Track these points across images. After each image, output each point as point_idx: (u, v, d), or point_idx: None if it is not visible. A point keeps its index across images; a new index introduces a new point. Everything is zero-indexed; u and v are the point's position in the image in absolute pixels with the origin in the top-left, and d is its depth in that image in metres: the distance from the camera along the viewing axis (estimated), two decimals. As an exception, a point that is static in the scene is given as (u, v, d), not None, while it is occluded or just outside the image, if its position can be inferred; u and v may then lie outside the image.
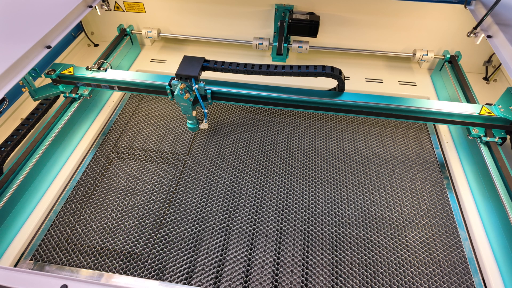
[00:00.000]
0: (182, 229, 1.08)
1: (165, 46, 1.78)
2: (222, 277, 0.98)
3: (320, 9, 1.52)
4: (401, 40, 1.59)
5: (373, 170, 1.26)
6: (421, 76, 1.62)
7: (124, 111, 1.48)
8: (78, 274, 0.98)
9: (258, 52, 1.73)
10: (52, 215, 1.11)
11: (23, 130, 1.22)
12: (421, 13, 1.48)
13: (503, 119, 1.14)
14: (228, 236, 1.07)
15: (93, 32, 1.78)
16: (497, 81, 1.59)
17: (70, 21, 1.24)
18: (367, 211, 1.14)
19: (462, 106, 1.17)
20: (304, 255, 1.03)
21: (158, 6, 1.63)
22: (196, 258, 1.02)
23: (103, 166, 1.26)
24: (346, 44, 1.64)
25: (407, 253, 1.04)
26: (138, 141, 1.35)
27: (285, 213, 1.13)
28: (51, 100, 1.34)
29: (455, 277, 0.98)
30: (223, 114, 1.48)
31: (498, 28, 1.21)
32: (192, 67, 1.14)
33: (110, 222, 1.10)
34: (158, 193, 1.18)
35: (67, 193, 1.17)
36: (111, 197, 1.17)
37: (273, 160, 1.29)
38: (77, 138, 1.31)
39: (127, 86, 1.26)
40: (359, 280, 0.98)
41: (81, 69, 1.28)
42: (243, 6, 1.56)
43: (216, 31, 1.68)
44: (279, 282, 0.97)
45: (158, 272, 0.99)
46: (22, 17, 1.19)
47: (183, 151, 1.32)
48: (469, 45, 1.50)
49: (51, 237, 1.06)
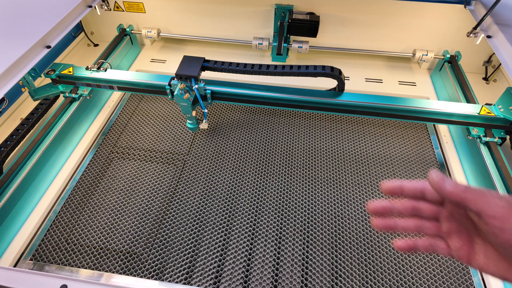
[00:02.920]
0: (182, 229, 1.08)
1: (165, 46, 1.78)
2: (222, 277, 0.98)
3: (320, 9, 1.52)
4: (401, 40, 1.59)
5: (373, 170, 1.26)
6: (420, 76, 1.62)
7: (124, 111, 1.48)
8: (77, 274, 0.98)
9: (258, 52, 1.73)
10: (52, 215, 1.11)
11: (22, 130, 1.22)
12: (421, 13, 1.48)
13: (502, 119, 1.14)
14: (228, 236, 1.07)
15: (93, 32, 1.78)
16: (496, 81, 1.59)
17: (70, 21, 1.24)
18: (367, 211, 1.14)
19: (462, 106, 1.17)
20: (304, 255, 1.03)
21: (158, 6, 1.63)
22: (196, 258, 1.02)
23: (102, 166, 1.26)
24: (346, 44, 1.64)
25: (407, 253, 1.04)
26: (138, 141, 1.35)
27: (285, 213, 1.13)
28: (51, 100, 1.34)
29: (455, 277, 0.98)
30: (223, 114, 1.48)
31: (498, 28, 1.21)
32: (192, 67, 1.14)
33: (110, 222, 1.10)
34: (158, 193, 1.18)
35: (67, 193, 1.17)
36: (111, 197, 1.17)
37: (273, 160, 1.29)
38: (76, 138, 1.31)
39: (127, 86, 1.26)
40: (359, 280, 0.98)
41: (81, 69, 1.28)
42: (243, 6, 1.56)
43: (216, 31, 1.68)
44: (279, 282, 0.97)
45: (158, 272, 0.99)
46: (21, 17, 1.19)
47: (183, 151, 1.32)
48: (469, 45, 1.50)
49: (50, 237, 1.06)
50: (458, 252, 0.39)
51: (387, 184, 0.40)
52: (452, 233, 0.39)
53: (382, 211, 0.41)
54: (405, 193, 0.40)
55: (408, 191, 0.40)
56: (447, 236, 0.40)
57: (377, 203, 0.42)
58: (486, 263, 0.37)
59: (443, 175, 0.37)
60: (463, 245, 0.39)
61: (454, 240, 0.39)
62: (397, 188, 0.40)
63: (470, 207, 0.35)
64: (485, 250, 0.37)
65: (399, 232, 0.42)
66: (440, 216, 0.40)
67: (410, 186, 0.40)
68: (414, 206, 0.41)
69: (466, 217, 0.38)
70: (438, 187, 0.37)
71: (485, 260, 0.37)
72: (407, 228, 0.41)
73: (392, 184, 0.40)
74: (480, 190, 0.35)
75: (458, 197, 0.35)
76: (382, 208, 0.41)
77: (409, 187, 0.40)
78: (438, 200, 0.40)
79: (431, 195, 0.40)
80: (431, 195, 0.40)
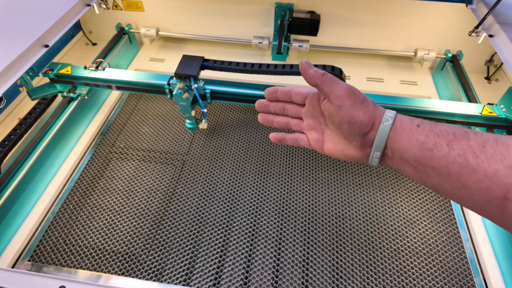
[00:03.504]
0: (181, 230, 1.07)
1: (163, 45, 1.77)
2: (222, 278, 0.97)
3: (320, 8, 1.51)
4: (402, 39, 1.58)
5: (373, 170, 1.25)
6: (422, 76, 1.61)
7: (122, 110, 1.47)
8: (76, 275, 0.97)
9: (258, 51, 1.72)
10: (50, 215, 1.10)
11: (20, 130, 1.21)
12: (422, 12, 1.47)
13: (504, 119, 1.13)
14: (228, 237, 1.06)
15: (91, 31, 1.77)
16: (498, 80, 1.58)
17: (68, 20, 1.22)
18: (368, 212, 1.13)
19: (464, 106, 1.16)
20: (304, 255, 1.02)
21: (157, 4, 1.62)
22: (196, 259, 1.01)
23: (101, 166, 1.25)
24: (347, 43, 1.63)
25: (408, 254, 1.03)
26: (137, 141, 1.34)
27: (285, 213, 1.12)
28: (49, 99, 1.32)
29: (457, 278, 0.98)
30: (222, 114, 1.47)
31: (500, 27, 1.20)
32: (191, 66, 1.13)
33: (109, 222, 1.09)
34: (157, 193, 1.17)
35: (65, 193, 1.16)
36: (109, 197, 1.16)
37: (273, 160, 1.28)
38: (75, 138, 1.30)
39: (126, 86, 1.25)
40: (359, 281, 0.97)
41: (79, 68, 1.27)
42: (243, 5, 1.55)
43: (215, 30, 1.67)
44: (279, 284, 0.96)
45: (157, 273, 0.98)
46: (19, 16, 1.18)
47: (182, 151, 1.31)
48: (471, 45, 1.49)
49: (49, 238, 1.05)
50: (314, 143, 0.51)
51: (267, 90, 0.54)
52: (311, 129, 0.51)
53: (262, 107, 0.55)
54: (278, 95, 0.53)
55: (279, 94, 0.53)
56: (307, 131, 0.52)
57: (260, 101, 0.55)
58: (333, 147, 0.48)
59: (310, 63, 0.47)
60: (318, 137, 0.50)
61: (312, 134, 0.51)
62: (273, 92, 0.53)
63: (323, 89, 0.45)
64: (331, 137, 0.48)
65: (275, 127, 0.55)
66: (302, 115, 0.52)
67: (281, 90, 0.53)
68: (284, 106, 0.54)
69: (320, 113, 0.50)
70: (303, 71, 0.46)
71: (332, 145, 0.48)
72: (280, 123, 0.54)
73: (270, 89, 0.53)
74: (333, 77, 0.45)
75: (317, 80, 0.45)
76: (262, 105, 0.55)
77: (281, 90, 0.53)
78: (301, 102, 0.52)
79: (295, 97, 0.52)
80: (295, 97, 0.52)
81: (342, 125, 0.44)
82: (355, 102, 0.43)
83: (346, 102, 0.43)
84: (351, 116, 0.43)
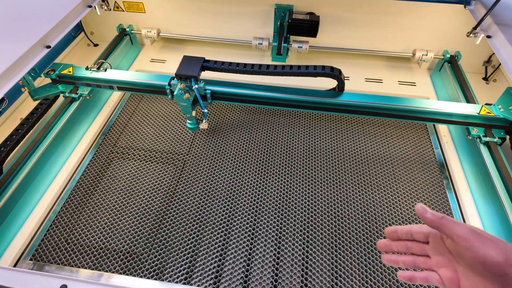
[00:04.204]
0: (182, 229, 1.08)
1: (164, 46, 1.78)
2: (222, 277, 0.98)
3: (319, 9, 1.52)
4: (401, 40, 1.59)
5: (373, 170, 1.26)
6: (420, 76, 1.62)
7: (123, 111, 1.48)
8: (77, 274, 0.98)
9: (258, 52, 1.73)
10: (52, 215, 1.11)
11: (22, 130, 1.22)
12: (421, 13, 1.48)
13: (502, 119, 1.14)
14: (228, 236, 1.07)
15: (93, 32, 1.78)
16: (496, 81, 1.59)
17: (70, 21, 1.23)
18: (367, 211, 1.14)
19: (462, 106, 1.17)
20: (304, 255, 1.03)
21: (158, 6, 1.63)
22: (196, 258, 1.02)
23: (102, 166, 1.26)
24: (346, 44, 1.64)
25: (407, 253, 1.03)
26: (138, 141, 1.35)
27: (285, 213, 1.13)
28: (51, 100, 1.34)
29: (455, 277, 0.98)
30: (223, 114, 1.48)
31: (498, 28, 1.21)
32: (191, 67, 1.14)
33: (110, 222, 1.10)
34: (158, 193, 1.18)
35: (67, 193, 1.17)
36: (110, 197, 1.17)
37: (273, 160, 1.29)
38: (76, 138, 1.31)
39: (127, 86, 1.26)
40: (358, 280, 0.98)
41: (81, 69, 1.28)
42: (243, 6, 1.56)
43: (215, 31, 1.68)
44: (279, 282, 0.97)
45: (158, 272, 0.99)
46: (21, 17, 1.19)
47: (183, 151, 1.32)
48: (469, 45, 1.50)
49: (50, 237, 1.06)
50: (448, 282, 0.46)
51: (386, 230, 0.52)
52: (441, 266, 0.47)
53: (384, 248, 0.53)
54: (399, 234, 0.51)
55: (400, 233, 0.51)
56: (437, 269, 0.47)
57: (381, 241, 0.53)
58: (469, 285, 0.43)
59: (425, 206, 0.45)
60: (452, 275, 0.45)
61: (444, 271, 0.46)
62: (393, 231, 0.51)
63: (445, 231, 0.43)
64: (465, 274, 0.44)
65: (402, 266, 0.51)
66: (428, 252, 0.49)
67: (401, 229, 0.51)
68: (406, 244, 0.51)
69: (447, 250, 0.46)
70: (421, 215, 0.45)
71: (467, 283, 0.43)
72: (406, 263, 0.51)
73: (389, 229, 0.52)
74: (453, 219, 0.43)
75: (436, 223, 0.44)
76: (384, 245, 0.53)
77: (401, 230, 0.51)
78: (423, 240, 0.49)
79: (417, 236, 0.49)
80: (417, 236, 0.49)
81: (476, 266, 0.40)
82: (483, 242, 0.40)
83: (474, 243, 0.40)
84: (484, 257, 0.39)
